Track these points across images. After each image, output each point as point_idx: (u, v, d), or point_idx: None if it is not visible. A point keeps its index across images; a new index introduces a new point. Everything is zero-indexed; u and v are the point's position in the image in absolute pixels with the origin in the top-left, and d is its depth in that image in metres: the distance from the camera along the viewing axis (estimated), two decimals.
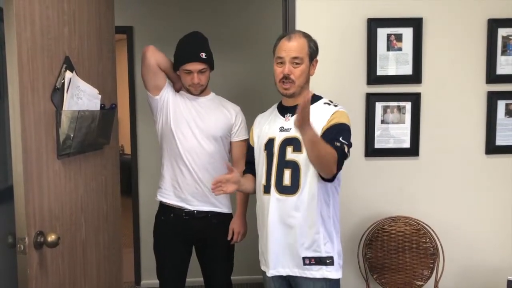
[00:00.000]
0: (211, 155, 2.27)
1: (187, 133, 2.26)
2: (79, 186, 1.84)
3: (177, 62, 2.27)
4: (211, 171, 2.26)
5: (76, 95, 1.74)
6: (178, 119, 2.26)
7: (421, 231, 2.43)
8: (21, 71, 1.42)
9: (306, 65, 1.88)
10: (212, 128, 2.28)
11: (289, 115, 1.92)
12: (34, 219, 1.49)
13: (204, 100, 2.35)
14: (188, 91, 2.32)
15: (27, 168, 1.45)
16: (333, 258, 1.86)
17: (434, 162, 2.52)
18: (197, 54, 2.22)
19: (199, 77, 2.24)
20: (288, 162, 1.86)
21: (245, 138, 2.37)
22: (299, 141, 1.81)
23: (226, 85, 3.51)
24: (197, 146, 2.25)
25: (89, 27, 1.94)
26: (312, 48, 1.89)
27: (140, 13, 3.58)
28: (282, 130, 1.90)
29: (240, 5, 3.58)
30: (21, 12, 1.42)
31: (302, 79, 1.88)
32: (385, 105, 2.47)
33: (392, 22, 2.44)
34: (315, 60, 1.92)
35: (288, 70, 1.85)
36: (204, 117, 2.29)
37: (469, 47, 2.48)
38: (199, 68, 2.22)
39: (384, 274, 2.44)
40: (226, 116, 2.34)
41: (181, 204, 2.29)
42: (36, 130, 1.51)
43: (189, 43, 2.28)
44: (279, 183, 1.87)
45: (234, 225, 2.33)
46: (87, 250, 1.91)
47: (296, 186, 1.84)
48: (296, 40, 1.87)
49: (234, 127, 2.36)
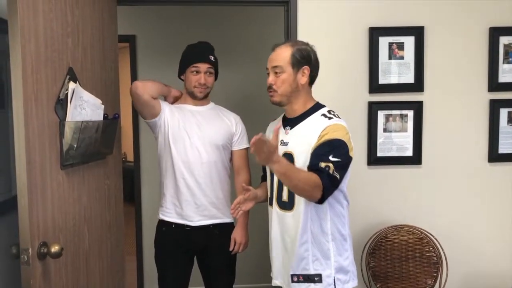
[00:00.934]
0: (212, 164, 2.27)
1: (187, 144, 2.25)
2: (82, 196, 1.84)
3: (185, 62, 2.29)
4: (212, 181, 2.27)
5: (80, 105, 1.75)
6: (177, 132, 2.25)
7: (424, 240, 2.42)
8: (25, 82, 1.43)
9: (288, 74, 1.83)
10: (213, 137, 2.28)
11: (288, 128, 1.90)
12: (38, 230, 1.49)
13: (204, 109, 2.35)
14: (191, 95, 2.31)
15: (31, 178, 1.46)
16: (321, 275, 1.81)
17: (436, 170, 2.52)
18: (207, 56, 2.28)
19: (206, 78, 2.27)
20: None
21: (246, 147, 2.37)
22: (292, 156, 1.82)
23: (227, 95, 3.52)
24: (198, 156, 2.25)
25: (92, 38, 1.95)
26: (295, 57, 1.82)
27: (143, 22, 3.59)
28: (282, 144, 1.88)
29: (242, 15, 3.60)
30: (25, 24, 1.43)
31: (285, 87, 1.84)
32: (387, 113, 2.48)
33: (394, 31, 2.45)
34: (305, 68, 1.84)
35: (270, 79, 1.86)
36: (204, 126, 2.28)
37: (471, 55, 2.49)
38: (207, 67, 2.27)
39: (387, 283, 2.44)
40: (226, 124, 2.34)
41: (182, 222, 2.28)
42: (40, 141, 1.52)
43: (199, 46, 2.34)
44: (279, 198, 1.88)
45: (236, 235, 2.32)
46: (90, 260, 1.91)
47: (292, 202, 1.83)
48: (279, 49, 1.87)
49: (235, 136, 2.35)
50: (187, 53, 2.33)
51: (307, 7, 2.43)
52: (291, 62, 1.83)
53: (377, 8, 2.46)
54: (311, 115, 1.86)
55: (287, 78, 1.84)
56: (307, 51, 1.86)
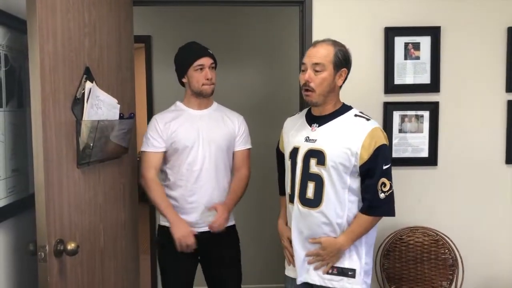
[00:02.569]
0: (217, 169, 2.22)
1: (192, 151, 2.19)
2: (98, 195, 1.86)
3: (186, 63, 2.21)
4: (219, 186, 2.23)
5: (96, 105, 1.77)
6: (182, 142, 2.19)
7: (439, 241, 2.40)
8: (43, 82, 1.45)
9: (329, 74, 1.80)
10: (216, 141, 2.22)
11: (315, 125, 1.88)
12: (55, 227, 1.51)
13: (207, 113, 2.28)
14: (198, 95, 2.24)
15: (48, 176, 1.48)
16: (355, 271, 1.84)
17: (453, 171, 2.49)
18: (206, 50, 2.23)
19: (211, 73, 2.22)
20: (312, 175, 1.83)
21: (248, 148, 2.34)
22: (323, 154, 1.80)
23: (241, 94, 3.54)
24: (202, 162, 2.19)
25: (109, 38, 1.98)
26: (337, 57, 1.81)
27: (158, 22, 3.62)
28: (308, 140, 1.86)
29: (256, 15, 3.60)
30: (43, 25, 1.45)
31: (324, 87, 1.81)
32: (403, 114, 2.45)
33: (410, 31, 2.43)
34: (343, 70, 1.84)
35: (308, 76, 1.82)
36: (207, 131, 2.22)
37: (488, 55, 2.46)
38: (211, 62, 2.21)
39: (402, 285, 2.41)
40: (229, 127, 2.28)
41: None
42: (57, 140, 1.54)
43: (193, 45, 2.27)
44: (302, 195, 1.85)
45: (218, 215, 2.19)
46: (105, 258, 1.93)
47: (319, 199, 1.81)
48: (321, 46, 1.84)
49: (237, 136, 2.31)
50: (184, 54, 2.24)
51: (322, 7, 2.42)
52: (334, 62, 1.81)
53: (393, 8, 2.44)
54: (342, 115, 1.87)
55: (327, 78, 1.81)
56: (347, 53, 1.87)
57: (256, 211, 3.52)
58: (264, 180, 3.28)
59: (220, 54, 2.37)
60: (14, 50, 1.69)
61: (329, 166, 1.79)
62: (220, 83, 2.37)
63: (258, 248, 3.53)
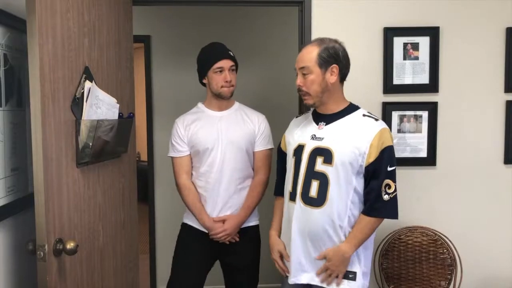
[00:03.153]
0: (238, 170, 2.23)
1: (213, 153, 2.20)
2: (97, 194, 1.87)
3: (206, 65, 2.22)
4: (241, 186, 2.25)
5: (95, 104, 1.77)
6: (203, 144, 2.21)
7: (438, 241, 2.40)
8: (43, 81, 1.45)
9: (316, 75, 1.80)
10: (237, 142, 2.22)
11: (323, 124, 1.87)
12: (54, 226, 1.52)
13: (228, 114, 2.28)
14: (218, 97, 2.24)
15: (48, 176, 1.48)
16: (356, 274, 1.83)
17: (451, 171, 2.49)
18: (226, 52, 2.23)
19: (231, 75, 2.21)
20: (317, 173, 1.81)
21: (268, 148, 2.31)
22: (331, 153, 1.79)
23: (240, 95, 3.51)
24: (223, 163, 2.20)
25: (108, 38, 1.98)
26: (322, 56, 1.80)
27: (158, 22, 3.62)
28: (314, 138, 1.85)
29: (256, 16, 3.60)
30: (43, 24, 1.46)
31: (315, 89, 1.82)
32: (402, 114, 2.46)
33: (409, 31, 2.43)
34: (333, 66, 1.81)
35: (298, 81, 1.85)
36: (227, 132, 2.22)
37: (487, 55, 2.46)
38: (230, 64, 2.21)
39: (400, 284, 2.42)
40: (249, 126, 2.28)
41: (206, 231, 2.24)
42: (57, 139, 1.54)
43: (214, 46, 2.28)
44: (305, 193, 1.83)
45: (228, 222, 2.22)
46: (105, 258, 1.93)
47: (323, 198, 1.80)
48: (305, 49, 1.85)
49: (258, 136, 2.29)
50: (205, 55, 2.25)
51: (322, 7, 2.43)
52: (318, 62, 1.81)
53: (392, 8, 2.44)
54: (350, 114, 1.87)
55: (315, 79, 1.81)
56: (334, 49, 1.83)
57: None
58: None
59: None
60: (13, 49, 1.69)
61: (337, 165, 1.78)
62: None
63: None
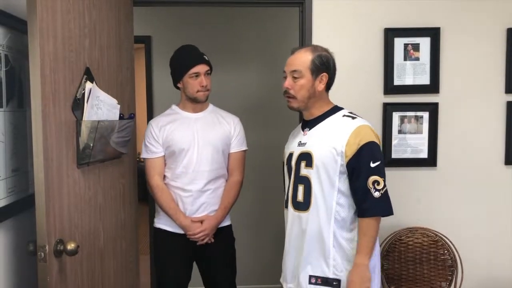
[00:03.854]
0: (214, 171, 2.24)
1: (188, 154, 2.21)
2: (98, 195, 1.87)
3: (181, 70, 2.21)
4: (216, 187, 2.26)
5: (96, 105, 1.77)
6: (178, 146, 2.21)
7: (439, 242, 2.40)
8: (44, 82, 1.46)
9: (307, 80, 1.81)
10: (212, 144, 2.24)
11: (307, 129, 1.90)
12: (55, 227, 1.52)
13: (203, 116, 2.29)
14: (193, 101, 2.25)
15: (48, 176, 1.48)
16: (340, 281, 1.77)
17: (452, 172, 2.49)
18: (201, 56, 2.23)
19: (206, 80, 2.22)
20: (302, 178, 1.83)
21: (243, 149, 2.34)
22: (311, 156, 1.81)
23: (239, 96, 3.54)
24: (199, 164, 2.21)
25: (109, 39, 1.98)
26: (315, 63, 1.81)
27: (158, 23, 3.62)
28: (300, 145, 1.88)
29: (255, 17, 3.60)
30: (44, 25, 1.46)
31: (303, 93, 1.82)
32: (402, 115, 2.46)
33: (409, 32, 2.43)
34: (323, 75, 1.83)
35: (287, 83, 1.85)
36: (203, 133, 2.23)
37: (488, 56, 2.46)
38: (206, 69, 2.22)
39: (401, 285, 2.42)
40: (225, 129, 2.29)
41: (180, 232, 2.24)
42: (57, 140, 1.55)
43: (189, 50, 2.27)
44: (294, 198, 1.86)
45: (206, 222, 2.22)
46: (105, 258, 1.93)
47: (308, 202, 1.81)
48: (299, 53, 1.86)
49: (233, 138, 2.31)
50: (180, 60, 2.24)
51: (322, 8, 2.43)
52: (311, 68, 1.81)
53: (393, 9, 2.44)
54: (331, 116, 1.86)
55: (305, 84, 1.82)
56: (327, 57, 1.85)
57: (252, 211, 3.52)
58: (263, 181, 3.29)
59: (219, 55, 2.38)
60: (14, 50, 1.69)
61: (317, 167, 1.79)
62: (219, 85, 2.37)
63: (255, 249, 3.53)
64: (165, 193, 2.24)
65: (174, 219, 2.22)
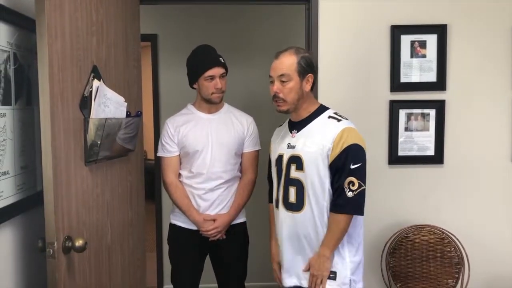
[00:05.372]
0: (228, 171, 2.29)
1: (203, 154, 2.25)
2: (105, 192, 1.88)
3: (197, 71, 2.24)
4: (229, 187, 2.30)
5: (103, 103, 1.78)
6: (193, 146, 2.26)
7: (445, 240, 2.40)
8: (52, 80, 1.46)
9: (295, 82, 1.84)
10: (226, 145, 2.27)
11: (295, 131, 1.93)
12: (63, 224, 1.53)
13: (217, 117, 2.32)
14: (208, 102, 2.29)
15: (57, 174, 1.49)
16: (336, 273, 1.84)
17: (459, 170, 2.49)
18: (217, 59, 2.25)
19: (221, 82, 2.24)
20: (293, 180, 1.88)
21: (256, 149, 2.38)
22: (301, 159, 1.85)
23: (248, 94, 3.54)
24: (213, 165, 2.25)
25: (116, 37, 1.99)
26: (301, 65, 1.84)
27: (165, 21, 3.63)
28: (289, 147, 1.92)
29: (262, 14, 3.60)
30: (52, 23, 1.47)
31: (293, 95, 1.85)
32: (409, 112, 2.45)
33: (416, 29, 2.43)
34: (309, 75, 1.87)
35: (276, 88, 1.87)
36: (217, 134, 2.27)
37: (495, 53, 2.45)
38: (221, 72, 2.24)
39: (407, 283, 2.41)
40: (239, 130, 2.32)
41: (194, 228, 2.30)
42: (65, 137, 1.56)
43: (205, 51, 2.29)
44: (285, 199, 1.91)
45: (219, 219, 2.27)
46: (113, 255, 1.95)
47: (301, 203, 1.86)
48: (284, 57, 1.88)
49: (246, 138, 2.34)
50: (196, 61, 2.27)
51: (329, 5, 2.43)
52: (298, 70, 1.85)
53: (399, 6, 2.44)
54: (317, 117, 1.90)
55: (294, 86, 1.85)
56: (310, 58, 1.90)
57: (260, 210, 3.52)
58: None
59: (226, 53, 2.38)
60: (23, 48, 1.71)
61: (307, 170, 1.83)
62: (227, 83, 2.37)
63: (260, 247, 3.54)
64: (179, 190, 2.29)
65: (187, 215, 2.27)
